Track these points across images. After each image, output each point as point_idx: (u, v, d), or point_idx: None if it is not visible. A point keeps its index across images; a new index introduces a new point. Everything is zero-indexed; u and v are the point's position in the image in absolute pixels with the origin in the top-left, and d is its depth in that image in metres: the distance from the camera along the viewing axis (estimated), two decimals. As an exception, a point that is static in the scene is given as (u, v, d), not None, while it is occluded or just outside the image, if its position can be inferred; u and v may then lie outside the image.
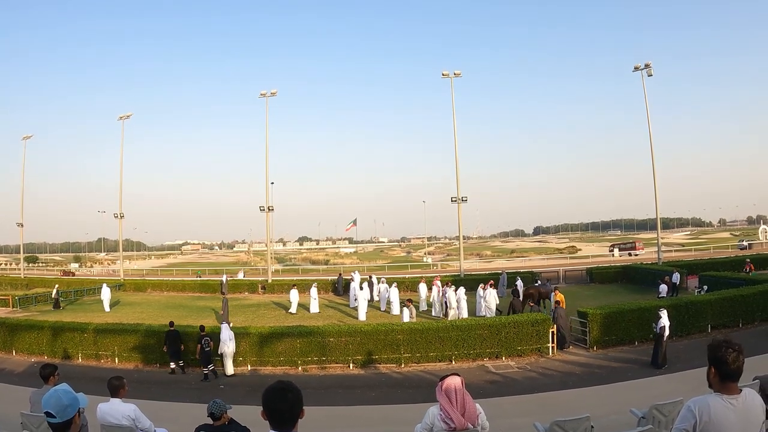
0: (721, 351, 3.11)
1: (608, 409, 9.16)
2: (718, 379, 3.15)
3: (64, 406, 3.11)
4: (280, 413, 2.71)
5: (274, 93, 43.90)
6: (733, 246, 71.29)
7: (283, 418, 2.71)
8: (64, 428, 3.14)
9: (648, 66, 39.84)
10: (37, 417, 6.82)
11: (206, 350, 15.74)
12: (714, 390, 3.18)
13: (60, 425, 3.12)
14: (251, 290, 39.93)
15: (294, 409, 2.73)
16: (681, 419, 3.16)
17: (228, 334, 16.01)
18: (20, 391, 12.21)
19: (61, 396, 3.13)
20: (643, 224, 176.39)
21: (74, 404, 3.18)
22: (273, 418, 2.71)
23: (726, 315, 18.27)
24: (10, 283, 48.94)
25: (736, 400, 3.09)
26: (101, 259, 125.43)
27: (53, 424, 3.12)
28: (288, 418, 2.72)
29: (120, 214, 50.32)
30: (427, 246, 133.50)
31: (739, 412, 3.08)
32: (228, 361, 15.97)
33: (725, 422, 3.05)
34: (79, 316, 24.96)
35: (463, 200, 40.88)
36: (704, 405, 3.09)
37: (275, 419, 2.71)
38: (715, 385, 3.17)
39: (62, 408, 3.10)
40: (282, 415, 2.71)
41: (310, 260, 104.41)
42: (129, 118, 50.83)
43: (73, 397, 3.20)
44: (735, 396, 3.10)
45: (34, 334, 18.73)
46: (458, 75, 41.49)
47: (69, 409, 3.13)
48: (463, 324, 17.00)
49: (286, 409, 2.71)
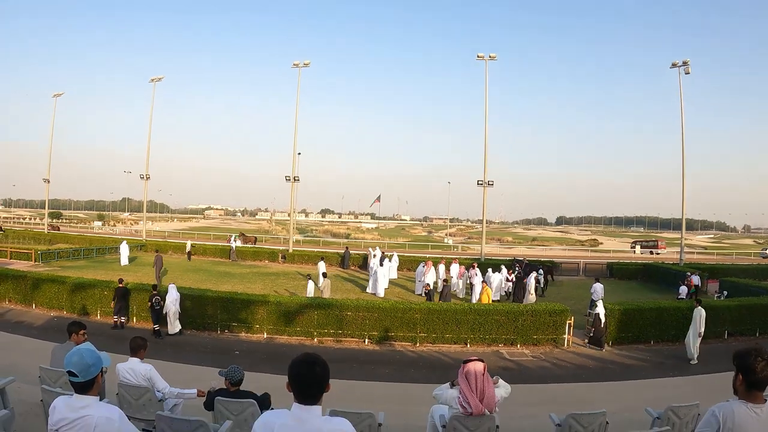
0: (750, 359, 3.11)
1: (621, 406, 9.18)
2: (744, 387, 3.16)
3: (88, 365, 3.09)
4: (307, 386, 2.67)
5: (307, 64, 43.58)
6: (756, 254, 69.93)
7: (309, 391, 2.67)
8: (86, 387, 3.12)
9: (686, 63, 38.72)
10: (56, 372, 6.79)
11: (156, 308, 16.43)
12: (739, 397, 3.20)
13: (83, 384, 3.11)
14: (271, 259, 40.23)
15: (321, 383, 2.68)
16: (705, 424, 3.19)
17: (175, 294, 16.61)
18: (39, 345, 12.55)
19: (84, 355, 3.11)
20: (667, 223, 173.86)
21: (98, 364, 3.16)
22: (299, 391, 2.67)
23: (744, 322, 18.00)
24: (33, 237, 49.50)
25: (760, 410, 3.11)
26: (124, 219, 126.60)
27: (75, 383, 3.11)
28: (314, 392, 2.67)
29: (146, 175, 50.71)
30: (449, 227, 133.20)
31: (763, 422, 3.09)
32: (175, 320, 16.62)
33: (748, 430, 3.07)
34: (99, 273, 25.43)
35: (489, 184, 40.63)
36: (729, 411, 3.11)
37: (301, 392, 2.67)
38: (741, 393, 3.18)
39: (85, 367, 3.08)
40: (309, 388, 2.67)
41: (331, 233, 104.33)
42: (161, 81, 50.91)
43: (96, 357, 3.16)
44: (760, 405, 3.12)
45: (54, 289, 19.01)
46: (493, 58, 40.89)
47: (92, 368, 3.11)
48: (481, 308, 17.04)
49: (314, 383, 2.67)
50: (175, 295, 16.65)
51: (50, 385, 6.43)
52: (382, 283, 25.74)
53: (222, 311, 17.08)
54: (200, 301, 17.37)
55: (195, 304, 17.33)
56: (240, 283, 27.33)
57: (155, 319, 16.49)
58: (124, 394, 6.45)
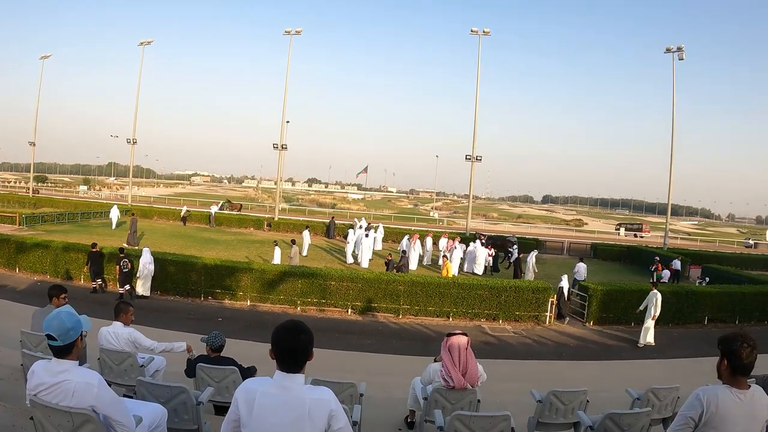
0: (736, 344, 3.09)
1: (600, 386, 9.25)
2: (729, 372, 3.14)
3: (67, 329, 3.06)
4: (291, 354, 2.61)
5: (299, 31, 42.98)
6: (739, 242, 71.04)
7: (293, 359, 2.61)
8: (65, 351, 3.10)
9: (680, 49, 38.86)
10: (36, 336, 6.67)
11: (124, 271, 16.49)
12: (723, 382, 3.18)
13: (61, 348, 3.08)
14: (257, 227, 40.21)
15: (305, 351, 2.63)
16: (688, 406, 3.17)
17: (148, 257, 16.64)
18: (22, 309, 12.30)
19: (64, 319, 3.08)
20: (652, 207, 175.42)
21: (77, 327, 3.14)
22: (282, 359, 2.62)
23: (724, 309, 18.22)
24: (18, 201, 48.87)
25: (744, 395, 3.09)
26: (110, 184, 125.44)
27: (54, 346, 3.07)
28: (298, 360, 2.62)
29: (133, 139, 50.34)
30: (435, 201, 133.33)
31: (745, 407, 3.08)
32: (146, 282, 16.70)
33: (731, 415, 3.05)
34: (84, 237, 25.11)
35: (477, 159, 40.67)
36: (713, 395, 3.09)
37: (284, 360, 2.61)
38: (725, 378, 3.17)
39: (65, 331, 3.05)
40: (292, 357, 2.61)
41: (317, 202, 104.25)
42: (150, 45, 50.09)
43: (76, 320, 3.15)
44: (744, 391, 3.10)
45: (38, 253, 18.75)
46: (487, 33, 40.75)
47: (71, 332, 3.09)
48: (465, 282, 17.12)
49: (298, 351, 2.61)
50: (149, 258, 16.62)
51: (31, 350, 6.33)
52: (367, 254, 25.74)
53: (206, 278, 16.95)
54: (184, 267, 17.21)
55: (179, 270, 17.19)
56: (225, 250, 27.21)
57: (122, 281, 16.50)
58: (106, 359, 6.35)
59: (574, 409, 5.96)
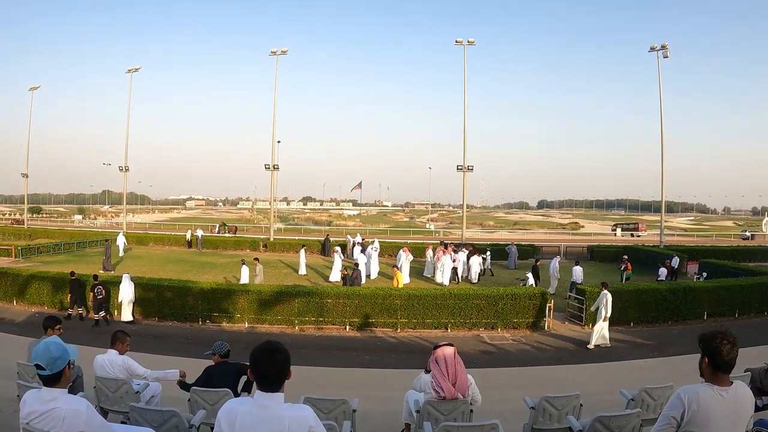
0: (716, 342, 3.12)
1: (599, 388, 9.27)
2: (710, 370, 3.16)
3: (54, 358, 3.14)
4: (268, 374, 2.71)
5: (284, 51, 43.26)
6: (735, 235, 70.98)
7: (270, 378, 2.71)
8: (54, 380, 3.18)
9: (665, 47, 39.21)
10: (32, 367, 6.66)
11: (98, 298, 16.63)
12: (705, 380, 3.20)
13: (50, 377, 3.16)
14: (253, 248, 40.05)
15: (281, 371, 2.73)
16: (670, 406, 3.19)
17: (128, 284, 16.79)
18: (20, 341, 12.29)
19: (50, 348, 3.15)
20: (648, 206, 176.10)
21: (64, 356, 3.21)
22: (260, 378, 2.72)
23: (723, 304, 18.24)
24: (13, 233, 49.08)
25: (726, 392, 3.10)
26: (105, 212, 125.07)
27: (43, 376, 3.16)
28: (275, 379, 2.72)
29: (125, 167, 50.40)
30: (430, 212, 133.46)
31: (728, 404, 3.09)
32: (128, 308, 16.81)
33: (713, 413, 3.06)
34: (80, 267, 25.05)
35: (469, 169, 40.82)
36: (694, 394, 3.10)
37: (262, 380, 2.72)
38: (707, 375, 3.19)
39: (52, 360, 3.13)
40: (269, 376, 2.71)
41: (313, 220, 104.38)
42: (137, 72, 50.20)
43: (63, 350, 3.22)
44: (725, 388, 3.11)
45: (35, 285, 18.69)
46: (472, 43, 41.09)
47: (59, 361, 3.16)
48: (461, 293, 17.07)
49: (274, 371, 2.71)
50: (128, 285, 16.78)
51: (27, 381, 6.41)
52: (364, 270, 25.69)
53: (203, 302, 16.93)
54: (181, 292, 17.20)
55: (176, 295, 17.17)
56: (221, 272, 27.21)
57: (96, 308, 16.62)
58: (101, 386, 6.40)
59: (568, 413, 5.97)
